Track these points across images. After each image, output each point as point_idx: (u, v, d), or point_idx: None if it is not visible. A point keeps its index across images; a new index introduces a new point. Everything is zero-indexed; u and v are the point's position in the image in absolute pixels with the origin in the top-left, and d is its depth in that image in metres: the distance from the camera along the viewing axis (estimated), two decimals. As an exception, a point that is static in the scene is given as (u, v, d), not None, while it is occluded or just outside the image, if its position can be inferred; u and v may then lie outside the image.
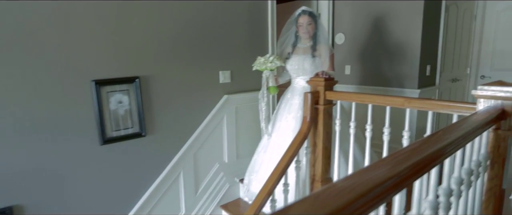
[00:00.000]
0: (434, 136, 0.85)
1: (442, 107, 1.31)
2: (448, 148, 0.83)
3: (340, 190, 0.46)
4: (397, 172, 0.58)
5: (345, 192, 0.45)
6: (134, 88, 2.11)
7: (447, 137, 0.87)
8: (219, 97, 2.60)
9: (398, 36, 2.98)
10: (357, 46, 3.33)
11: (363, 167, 0.60)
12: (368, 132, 1.67)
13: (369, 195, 0.47)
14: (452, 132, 0.91)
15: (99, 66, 1.96)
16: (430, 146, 0.77)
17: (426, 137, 0.84)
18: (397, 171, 0.58)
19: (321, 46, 2.17)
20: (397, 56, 3.01)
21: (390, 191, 0.55)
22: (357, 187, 0.47)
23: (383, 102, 1.54)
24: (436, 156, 0.78)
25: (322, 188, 0.47)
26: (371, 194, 0.48)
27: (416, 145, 0.77)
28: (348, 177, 0.53)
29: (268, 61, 2.15)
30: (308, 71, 2.16)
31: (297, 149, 1.80)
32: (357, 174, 0.55)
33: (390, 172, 0.55)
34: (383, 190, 0.52)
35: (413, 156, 0.69)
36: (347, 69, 3.46)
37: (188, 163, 2.47)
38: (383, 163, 0.58)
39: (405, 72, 2.98)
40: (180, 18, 2.29)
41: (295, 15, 2.20)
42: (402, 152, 0.71)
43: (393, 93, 3.07)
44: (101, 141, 2.01)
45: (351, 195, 0.45)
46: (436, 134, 0.89)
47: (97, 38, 1.93)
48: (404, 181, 0.61)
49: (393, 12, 2.97)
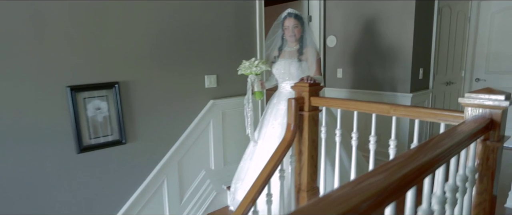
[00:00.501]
0: (415, 151, 0.78)
1: (429, 115, 1.24)
2: (432, 164, 0.76)
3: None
4: (360, 200, 0.50)
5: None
6: (113, 94, 2.02)
7: (431, 151, 0.79)
8: (204, 102, 2.52)
9: (389, 39, 2.91)
10: (349, 49, 3.26)
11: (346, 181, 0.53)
12: (354, 140, 1.60)
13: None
14: (437, 145, 0.84)
15: (75, 71, 1.88)
16: (410, 162, 0.70)
17: (406, 153, 0.76)
18: (360, 200, 0.50)
19: (307, 50, 2.10)
20: (389, 59, 2.94)
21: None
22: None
23: (369, 109, 1.46)
24: (417, 174, 0.70)
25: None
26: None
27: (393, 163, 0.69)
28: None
29: (253, 65, 2.08)
30: (295, 76, 2.09)
31: (280, 158, 1.72)
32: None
33: (349, 204, 0.47)
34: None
35: (392, 175, 0.62)
36: (339, 72, 3.39)
37: (172, 171, 2.38)
38: (341, 193, 0.50)
39: (397, 76, 2.91)
40: (162, 20, 2.21)
41: (281, 17, 2.12)
42: (375, 174, 0.63)
43: (385, 97, 3.01)
44: (78, 150, 1.92)
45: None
46: (418, 149, 0.81)
47: (72, 42, 1.85)
48: (374, 209, 0.53)
49: (384, 14, 2.90)
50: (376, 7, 2.95)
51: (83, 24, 1.87)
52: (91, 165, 2.00)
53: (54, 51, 1.79)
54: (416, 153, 0.74)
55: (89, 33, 1.90)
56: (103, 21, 1.95)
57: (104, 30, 1.96)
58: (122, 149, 2.11)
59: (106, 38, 1.98)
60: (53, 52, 1.79)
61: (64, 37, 1.82)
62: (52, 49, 1.78)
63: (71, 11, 1.82)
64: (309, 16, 3.43)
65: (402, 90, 2.89)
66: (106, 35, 1.97)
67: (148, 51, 2.18)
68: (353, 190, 0.52)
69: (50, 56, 1.78)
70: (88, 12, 1.88)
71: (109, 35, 1.99)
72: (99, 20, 1.93)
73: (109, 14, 1.97)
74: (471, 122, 1.08)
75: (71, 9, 1.82)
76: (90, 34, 1.91)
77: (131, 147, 2.16)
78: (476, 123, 1.07)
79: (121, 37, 2.04)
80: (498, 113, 1.07)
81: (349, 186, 0.53)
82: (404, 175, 0.64)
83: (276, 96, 2.22)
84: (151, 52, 2.19)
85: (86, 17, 1.88)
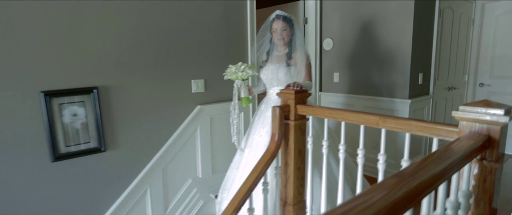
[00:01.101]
0: (404, 175, 0.66)
1: (420, 129, 1.12)
2: (421, 192, 0.64)
3: None
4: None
5: None
6: (91, 100, 1.93)
7: (422, 174, 0.68)
8: (191, 108, 2.42)
9: (387, 42, 2.78)
10: (345, 52, 3.13)
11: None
12: (341, 153, 1.47)
13: None
14: (428, 167, 0.72)
15: (49, 76, 1.78)
16: (395, 191, 0.58)
17: (391, 176, 0.64)
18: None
19: (297, 54, 1.98)
20: (387, 63, 2.81)
21: None
22: None
23: (356, 120, 1.34)
24: (405, 203, 0.59)
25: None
26: None
27: (364, 199, 0.57)
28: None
29: (240, 70, 1.96)
30: (283, 81, 1.97)
31: (263, 170, 1.60)
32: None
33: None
34: None
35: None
36: (336, 76, 3.26)
37: (156, 179, 2.28)
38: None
39: (396, 81, 2.77)
40: (146, 21, 2.12)
41: (269, 19, 2.01)
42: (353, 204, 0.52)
43: (383, 103, 2.87)
44: (53, 158, 1.82)
45: None
46: (407, 171, 0.69)
47: (47, 45, 1.76)
48: None
49: (382, 17, 2.77)
50: (373, 8, 2.82)
51: (59, 26, 1.78)
52: (67, 174, 1.90)
53: (26, 55, 1.70)
54: (397, 185, 0.62)
55: (65, 35, 1.81)
56: (81, 22, 1.85)
57: (82, 32, 1.87)
58: (101, 157, 2.02)
59: (84, 40, 1.88)
60: (25, 55, 1.70)
61: (38, 39, 1.72)
62: (24, 52, 1.69)
63: (45, 12, 1.73)
64: (305, 18, 3.32)
65: (400, 95, 2.76)
66: (84, 38, 1.88)
67: (131, 55, 2.08)
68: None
69: (22, 60, 1.69)
70: (64, 13, 1.79)
71: (87, 37, 1.89)
72: (77, 22, 1.84)
73: (87, 15, 1.87)
74: (466, 139, 0.96)
75: (45, 9, 1.73)
76: (67, 36, 1.81)
77: (111, 155, 2.06)
78: (472, 140, 0.94)
79: (100, 40, 1.94)
80: (497, 129, 0.94)
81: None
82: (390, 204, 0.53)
83: (264, 103, 2.10)
84: (133, 56, 2.09)
85: (62, 18, 1.79)
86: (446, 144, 0.92)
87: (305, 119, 1.69)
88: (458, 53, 3.49)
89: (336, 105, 3.29)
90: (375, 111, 2.94)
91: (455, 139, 0.99)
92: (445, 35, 3.17)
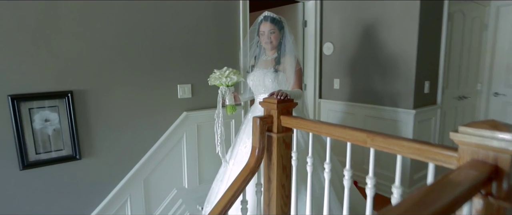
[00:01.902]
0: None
1: (413, 151, 0.93)
2: None
3: None
4: None
5: None
6: (65, 104, 1.81)
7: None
8: (177, 114, 2.28)
9: (390, 47, 2.58)
10: (346, 57, 2.94)
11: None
12: (326, 172, 1.30)
13: None
14: (417, 209, 0.55)
15: (18, 78, 1.67)
16: None
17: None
18: None
19: (286, 59, 1.81)
20: (390, 69, 2.61)
21: None
22: None
23: (342, 136, 1.17)
24: None
25: None
26: None
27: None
28: None
29: (224, 75, 1.82)
30: (270, 88, 1.81)
31: (241, 187, 1.44)
32: None
33: None
34: None
35: None
36: (336, 83, 3.07)
37: (136, 189, 2.14)
38: None
39: (399, 89, 2.57)
40: (127, 21, 1.99)
41: (257, 21, 1.85)
42: None
43: (385, 113, 2.67)
44: (21, 165, 1.71)
45: None
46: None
47: (16, 46, 1.65)
48: None
49: (385, 19, 2.58)
50: (376, 10, 2.63)
51: (29, 25, 1.67)
52: (38, 183, 1.79)
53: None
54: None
55: (37, 35, 1.70)
56: (54, 21, 1.74)
57: (56, 33, 1.75)
58: (76, 165, 1.89)
59: (58, 41, 1.77)
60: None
61: (6, 39, 1.62)
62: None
63: (15, 11, 1.62)
64: (304, 20, 3.15)
65: (404, 105, 2.55)
66: (58, 38, 1.76)
67: (110, 57, 1.96)
68: None
69: (-13, 61, 1.58)
70: (36, 11, 1.68)
71: (62, 38, 1.78)
72: (50, 21, 1.73)
73: (62, 14, 1.76)
74: (468, 168, 0.77)
75: (15, 8, 1.62)
76: (39, 36, 1.70)
77: (86, 163, 1.93)
78: (474, 169, 0.76)
79: (77, 41, 1.82)
80: (506, 158, 0.75)
81: None
82: None
83: (251, 111, 1.94)
84: (113, 58, 1.97)
85: (34, 18, 1.68)
86: (443, 174, 0.74)
87: (290, 131, 1.52)
88: (470, 60, 3.25)
89: (336, 113, 3.10)
90: (377, 121, 2.73)
91: (455, 168, 0.81)
92: (456, 40, 2.94)
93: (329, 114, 3.17)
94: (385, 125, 2.67)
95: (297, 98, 1.72)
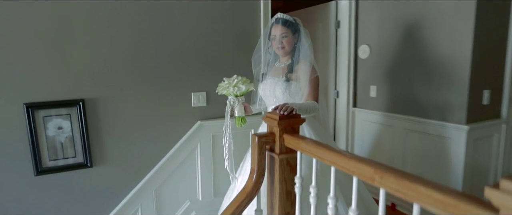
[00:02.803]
0: None
1: (432, 202, 0.65)
2: None
3: None
4: None
5: None
6: (77, 113, 1.82)
7: None
8: (191, 124, 2.19)
9: (438, 49, 2.17)
10: (384, 61, 2.57)
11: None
12: (330, 208, 1.05)
13: None
14: None
15: (33, 87, 1.72)
16: None
17: None
18: None
19: (299, 66, 1.59)
20: (437, 75, 2.19)
21: None
22: None
23: (347, 167, 0.92)
24: None
25: None
26: None
27: None
28: None
29: (232, 84, 1.66)
30: (281, 100, 1.60)
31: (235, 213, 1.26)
32: None
33: None
34: None
35: None
36: (373, 90, 2.71)
37: (147, 199, 2.10)
38: None
39: (448, 99, 2.14)
40: (140, 29, 1.96)
41: (269, 24, 1.65)
42: None
43: (430, 127, 2.25)
44: (36, 172, 1.76)
45: None
46: None
47: (31, 55, 1.70)
48: None
49: (432, 17, 2.18)
50: (420, 7, 2.24)
51: (44, 36, 1.71)
52: (51, 188, 1.83)
53: (9, 65, 1.66)
54: None
55: (51, 44, 1.74)
56: (67, 31, 1.77)
57: (69, 41, 1.78)
58: (87, 173, 1.90)
59: (71, 50, 1.79)
60: (8, 66, 1.65)
61: (21, 50, 1.67)
62: (6, 63, 1.65)
63: (29, 19, 1.67)
64: (337, 21, 2.85)
65: (455, 119, 2.11)
66: (70, 48, 1.79)
67: (123, 65, 1.94)
68: None
69: (4, 71, 1.65)
70: (50, 20, 1.72)
71: (75, 47, 1.80)
72: (63, 30, 1.76)
73: (74, 22, 1.78)
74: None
75: (29, 17, 1.67)
76: (52, 45, 1.74)
77: (98, 171, 1.94)
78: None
79: (88, 50, 1.83)
80: None
81: None
82: None
83: (262, 124, 1.75)
84: (126, 66, 1.95)
85: (48, 27, 1.72)
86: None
87: (295, 152, 1.29)
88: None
89: (372, 125, 2.73)
90: (420, 137, 2.33)
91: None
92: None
93: (364, 125, 2.82)
94: (430, 142, 2.26)
95: (310, 112, 1.49)
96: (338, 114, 2.97)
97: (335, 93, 2.97)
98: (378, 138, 2.71)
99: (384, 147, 2.65)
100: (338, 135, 2.99)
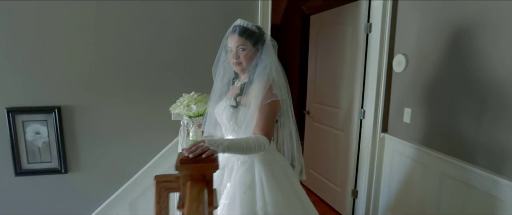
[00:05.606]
0: None
1: None
2: None
3: None
4: None
5: None
6: (53, 119, 1.84)
7: None
8: (171, 137, 2.02)
9: (497, 66, 1.48)
10: (424, 77, 1.94)
11: None
12: None
13: None
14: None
15: (15, 92, 1.79)
16: None
17: None
18: None
19: (252, 88, 1.22)
20: (493, 104, 1.51)
21: None
22: None
23: None
24: None
25: None
26: None
27: None
28: None
29: (183, 103, 1.41)
30: (229, 129, 1.27)
31: None
32: None
33: None
34: None
35: None
36: (407, 113, 2.09)
37: (122, 212, 2.02)
38: None
39: (507, 142, 1.45)
40: (119, 38, 1.87)
41: (227, 33, 1.32)
42: None
43: (477, 178, 1.58)
44: (15, 173, 1.85)
45: None
46: None
47: (13, 60, 1.76)
48: None
49: (488, 22, 1.50)
50: (473, 9, 1.57)
51: (24, 41, 1.76)
52: (29, 190, 1.90)
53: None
54: None
55: (30, 50, 1.77)
56: (47, 37, 1.78)
57: (48, 48, 1.79)
58: (62, 178, 1.92)
59: (50, 57, 1.80)
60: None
61: (4, 54, 1.75)
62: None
63: (11, 25, 1.72)
64: (369, 24, 2.28)
65: (511, 172, 1.41)
66: (50, 53, 1.80)
67: (102, 74, 1.89)
68: None
69: (-13, 76, 1.75)
70: (32, 26, 1.75)
71: (54, 53, 1.80)
72: (43, 36, 1.78)
73: (55, 29, 1.78)
74: None
75: (10, 24, 1.72)
76: (32, 51, 1.78)
77: (72, 178, 1.94)
78: None
79: (68, 56, 1.83)
80: None
81: None
82: None
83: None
84: (105, 75, 1.89)
85: (29, 32, 1.75)
86: None
87: (214, 207, 0.97)
88: None
89: (403, 158, 2.12)
90: (461, 188, 1.67)
91: None
92: None
93: (394, 157, 2.21)
94: (474, 200, 1.59)
95: (252, 151, 1.10)
96: (363, 139, 2.41)
97: (361, 113, 2.41)
98: (409, 176, 2.08)
99: (415, 190, 2.02)
100: (362, 164, 2.43)
